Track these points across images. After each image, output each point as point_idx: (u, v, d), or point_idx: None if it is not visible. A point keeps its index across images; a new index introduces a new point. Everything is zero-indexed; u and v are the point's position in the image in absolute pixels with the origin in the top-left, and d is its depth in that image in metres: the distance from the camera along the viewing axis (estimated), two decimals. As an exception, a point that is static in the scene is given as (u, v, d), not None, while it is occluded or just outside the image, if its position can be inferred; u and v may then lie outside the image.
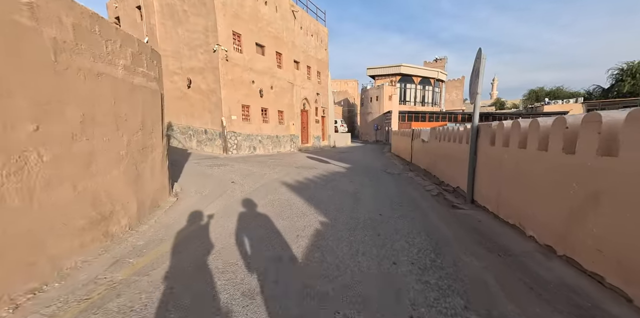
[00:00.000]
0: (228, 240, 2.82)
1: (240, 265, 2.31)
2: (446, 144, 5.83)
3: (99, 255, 2.43)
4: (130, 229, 3.00)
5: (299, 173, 7.08)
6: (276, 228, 3.17)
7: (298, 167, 8.28)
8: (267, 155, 11.72)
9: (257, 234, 3.01)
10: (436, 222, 3.50)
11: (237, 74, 10.31)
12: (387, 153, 15.67)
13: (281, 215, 3.65)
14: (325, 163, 9.60)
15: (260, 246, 2.70)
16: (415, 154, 9.49)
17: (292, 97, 14.55)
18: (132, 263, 2.34)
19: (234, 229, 3.13)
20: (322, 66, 17.73)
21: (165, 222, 3.36)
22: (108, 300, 1.83)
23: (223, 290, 1.96)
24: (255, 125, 11.70)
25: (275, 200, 4.37)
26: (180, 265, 2.31)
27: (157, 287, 1.99)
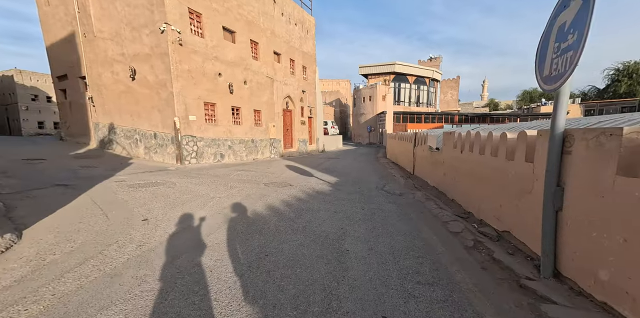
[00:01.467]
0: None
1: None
2: (477, 158, 3.89)
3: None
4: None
5: (264, 195, 5.03)
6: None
7: (269, 183, 6.22)
8: (238, 164, 9.60)
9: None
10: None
11: (196, 63, 8.20)
12: (382, 158, 13.75)
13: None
14: (306, 176, 7.58)
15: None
16: (419, 164, 7.56)
17: (271, 95, 12.48)
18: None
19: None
20: (309, 60, 15.74)
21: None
22: None
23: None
24: (224, 127, 9.58)
25: (186, 270, 2.32)
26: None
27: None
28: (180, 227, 3.27)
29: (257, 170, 8.34)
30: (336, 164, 10.80)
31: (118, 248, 2.71)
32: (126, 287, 2.07)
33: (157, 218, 3.52)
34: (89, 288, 2.04)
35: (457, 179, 4.67)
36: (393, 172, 9.11)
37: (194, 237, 3.03)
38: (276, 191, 5.48)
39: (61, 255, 2.54)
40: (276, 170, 8.54)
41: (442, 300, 2.03)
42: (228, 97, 9.73)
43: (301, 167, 9.58)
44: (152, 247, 2.76)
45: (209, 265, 2.44)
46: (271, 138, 12.60)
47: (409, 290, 2.15)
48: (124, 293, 1.99)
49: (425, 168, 6.87)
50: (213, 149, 9.06)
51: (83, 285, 2.08)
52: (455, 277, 2.37)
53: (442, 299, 2.04)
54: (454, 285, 2.23)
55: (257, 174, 7.44)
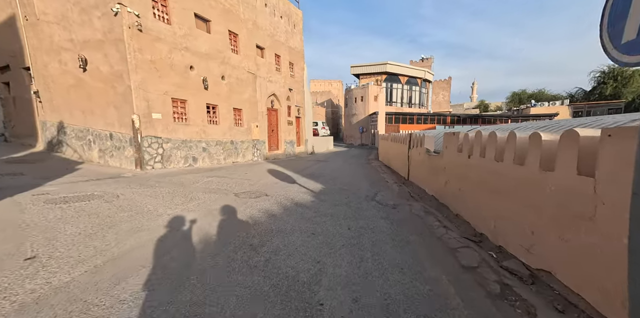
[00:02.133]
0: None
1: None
2: (491, 165, 3.03)
3: None
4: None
5: (230, 210, 4.06)
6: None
7: (240, 193, 5.24)
8: (213, 169, 8.55)
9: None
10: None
11: (160, 53, 7.14)
12: (374, 161, 12.93)
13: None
14: (288, 182, 6.63)
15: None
16: (415, 168, 6.72)
17: (254, 92, 11.48)
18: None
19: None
20: (296, 56, 14.81)
21: None
22: None
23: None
24: (197, 127, 8.52)
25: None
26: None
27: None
28: (77, 272, 2.25)
29: (233, 175, 7.33)
30: (324, 168, 9.88)
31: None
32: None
33: (52, 255, 2.48)
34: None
35: (463, 190, 3.82)
36: (386, 176, 8.26)
37: (81, 295, 2.00)
38: (246, 203, 4.50)
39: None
40: (255, 175, 7.56)
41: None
42: (202, 93, 8.69)
43: (284, 171, 8.62)
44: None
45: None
46: (254, 139, 11.58)
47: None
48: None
49: (422, 174, 6.03)
50: (183, 151, 7.98)
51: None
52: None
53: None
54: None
55: (230, 181, 6.44)
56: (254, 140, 11.56)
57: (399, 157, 8.49)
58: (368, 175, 8.38)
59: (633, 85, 33.21)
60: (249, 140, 11.25)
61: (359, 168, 10.04)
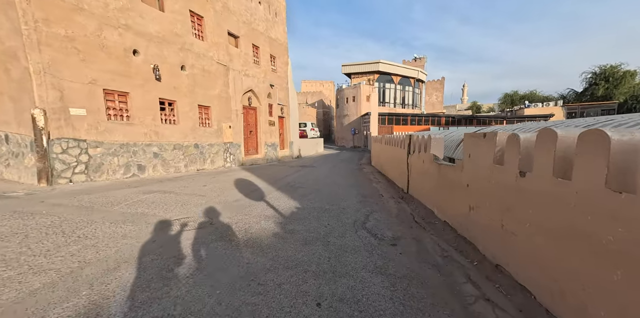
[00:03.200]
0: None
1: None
2: (609, 203, 1.50)
3: None
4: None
5: (119, 265, 2.42)
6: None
7: (174, 220, 3.59)
8: (166, 180, 6.84)
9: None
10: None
11: (84, 28, 5.44)
12: (366, 166, 11.42)
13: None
14: (253, 199, 5.00)
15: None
16: (417, 179, 5.18)
17: (226, 87, 9.83)
18: None
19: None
20: (279, 49, 13.24)
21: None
22: None
23: None
24: (145, 127, 6.81)
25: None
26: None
27: None
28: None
29: (186, 189, 5.65)
30: (307, 176, 8.30)
31: None
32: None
33: None
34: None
35: (511, 230, 2.28)
36: (379, 187, 6.73)
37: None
38: (162, 248, 2.84)
39: None
40: (215, 188, 5.90)
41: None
42: (153, 85, 6.99)
43: (256, 181, 6.99)
44: None
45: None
46: (226, 142, 9.90)
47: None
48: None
49: (429, 189, 4.50)
50: (124, 158, 6.25)
51: None
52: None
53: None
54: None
55: (175, 199, 4.77)
56: (226, 143, 9.88)
57: (396, 164, 6.98)
58: (358, 186, 6.83)
59: (625, 86, 33.04)
60: (219, 143, 9.56)
61: (349, 176, 8.49)
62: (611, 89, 33.97)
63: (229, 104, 10.02)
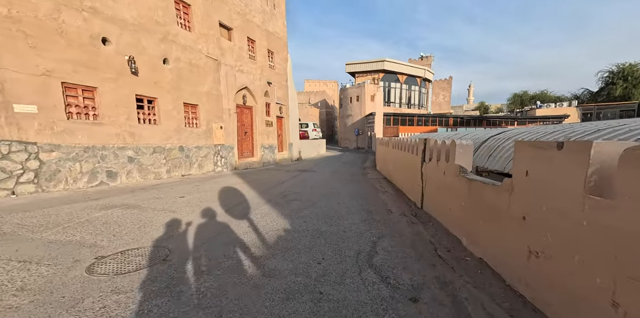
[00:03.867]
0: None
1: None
2: None
3: None
4: None
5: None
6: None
7: (100, 259, 2.68)
8: (140, 189, 5.95)
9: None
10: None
11: (34, 7, 4.55)
12: (370, 171, 10.43)
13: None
14: (235, 217, 4.07)
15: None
16: (435, 194, 4.14)
17: (216, 83, 8.93)
18: None
19: None
20: (277, 44, 12.32)
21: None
22: None
23: None
24: (117, 127, 5.93)
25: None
26: None
27: None
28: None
29: (154, 202, 4.74)
30: (304, 183, 7.36)
31: None
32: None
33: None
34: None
35: (632, 310, 1.30)
36: (387, 199, 5.75)
37: None
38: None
39: None
40: (192, 201, 4.98)
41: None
42: (128, 79, 6.11)
43: (246, 191, 6.07)
44: None
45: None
46: (217, 144, 9.01)
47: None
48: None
49: (452, 209, 3.49)
50: (89, 163, 5.37)
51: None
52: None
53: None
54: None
55: (134, 217, 3.85)
56: (216, 146, 8.99)
57: (406, 172, 5.99)
58: (362, 197, 5.85)
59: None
60: (208, 145, 8.67)
61: (351, 184, 7.52)
62: (630, 89, 32.33)
63: (220, 103, 9.12)
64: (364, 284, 2.37)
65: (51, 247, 2.76)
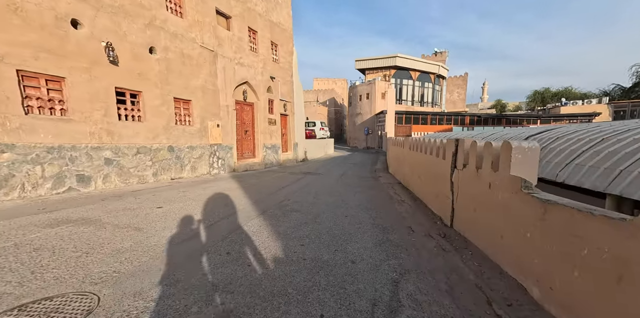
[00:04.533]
0: None
1: None
2: None
3: None
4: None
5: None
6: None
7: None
8: (111, 196, 5.17)
9: None
10: None
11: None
12: (382, 174, 9.39)
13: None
14: (214, 239, 3.18)
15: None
16: (472, 210, 3.01)
17: (213, 77, 8.12)
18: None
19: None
20: (282, 36, 11.42)
21: None
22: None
23: None
24: (91, 124, 5.17)
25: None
26: None
27: None
28: None
29: (121, 215, 3.92)
30: (308, 189, 6.43)
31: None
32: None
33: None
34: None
35: None
36: (404, 211, 4.73)
37: None
38: None
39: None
40: (169, 213, 4.14)
41: None
42: (105, 69, 5.34)
43: (239, 198, 5.19)
44: None
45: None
46: (213, 144, 8.20)
47: None
48: None
49: (504, 236, 2.43)
50: (54, 166, 4.62)
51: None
52: None
53: None
54: None
55: (82, 241, 3.02)
56: (212, 146, 8.18)
57: (428, 179, 4.94)
58: (374, 208, 4.86)
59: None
60: (203, 145, 7.87)
61: (361, 190, 6.53)
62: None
63: (217, 98, 8.30)
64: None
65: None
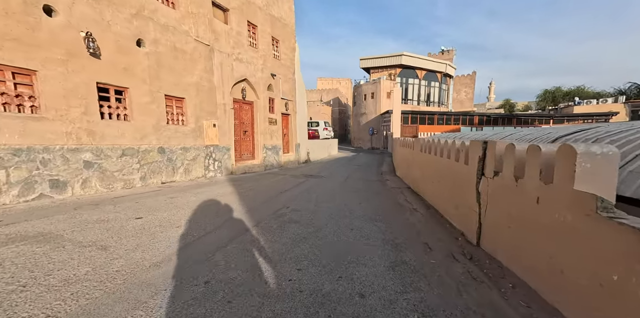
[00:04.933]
0: None
1: None
2: None
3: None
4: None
5: None
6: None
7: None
8: (87, 204, 4.65)
9: None
10: None
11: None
12: (390, 177, 8.76)
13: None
14: (193, 261, 2.60)
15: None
16: (512, 230, 2.33)
17: (208, 73, 7.59)
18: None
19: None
20: (283, 31, 10.88)
21: None
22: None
23: None
24: (67, 123, 4.67)
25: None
26: None
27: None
28: None
29: (91, 228, 3.38)
30: (308, 194, 5.85)
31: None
32: None
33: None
34: None
35: None
36: (417, 222, 4.11)
37: None
38: None
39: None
40: (149, 225, 3.60)
41: None
42: (86, 62, 4.84)
43: (233, 207, 4.63)
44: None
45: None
46: (209, 145, 7.67)
47: None
48: None
49: (565, 271, 1.80)
50: (21, 171, 4.11)
51: None
52: None
53: None
54: None
55: (27, 265, 2.49)
56: (208, 147, 7.65)
57: (446, 186, 4.31)
58: (384, 219, 4.24)
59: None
60: (198, 146, 7.34)
61: (367, 196, 5.92)
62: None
63: (213, 96, 7.78)
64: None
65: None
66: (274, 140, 10.53)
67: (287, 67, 11.25)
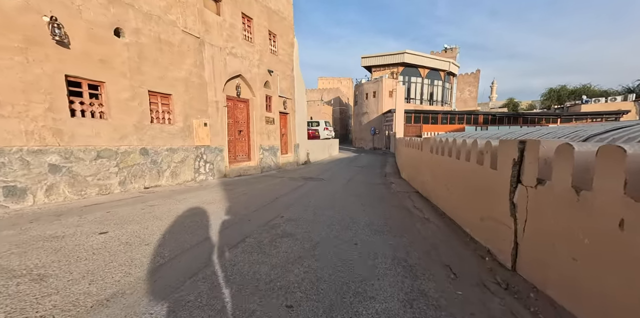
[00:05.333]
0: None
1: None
2: None
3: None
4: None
5: None
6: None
7: None
8: (46, 215, 4.06)
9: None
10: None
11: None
12: (395, 180, 8.11)
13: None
14: (146, 304, 1.99)
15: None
16: (573, 258, 1.61)
17: (199, 68, 6.99)
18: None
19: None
20: (281, 25, 10.27)
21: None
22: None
23: None
24: (27, 121, 4.08)
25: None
26: None
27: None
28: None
29: (38, 248, 2.78)
30: (307, 200, 5.23)
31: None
32: None
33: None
34: None
35: None
36: (431, 235, 3.45)
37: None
38: None
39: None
40: (110, 243, 2.99)
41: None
42: (50, 52, 4.25)
43: (216, 216, 4.02)
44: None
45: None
46: (199, 145, 7.07)
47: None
48: None
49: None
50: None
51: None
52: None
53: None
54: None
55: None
56: (198, 148, 7.05)
57: (467, 193, 3.65)
58: (392, 231, 3.59)
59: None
60: (187, 147, 6.74)
61: (372, 203, 5.27)
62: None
63: (204, 93, 7.17)
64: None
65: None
66: (272, 141, 9.92)
67: (286, 63, 10.65)
